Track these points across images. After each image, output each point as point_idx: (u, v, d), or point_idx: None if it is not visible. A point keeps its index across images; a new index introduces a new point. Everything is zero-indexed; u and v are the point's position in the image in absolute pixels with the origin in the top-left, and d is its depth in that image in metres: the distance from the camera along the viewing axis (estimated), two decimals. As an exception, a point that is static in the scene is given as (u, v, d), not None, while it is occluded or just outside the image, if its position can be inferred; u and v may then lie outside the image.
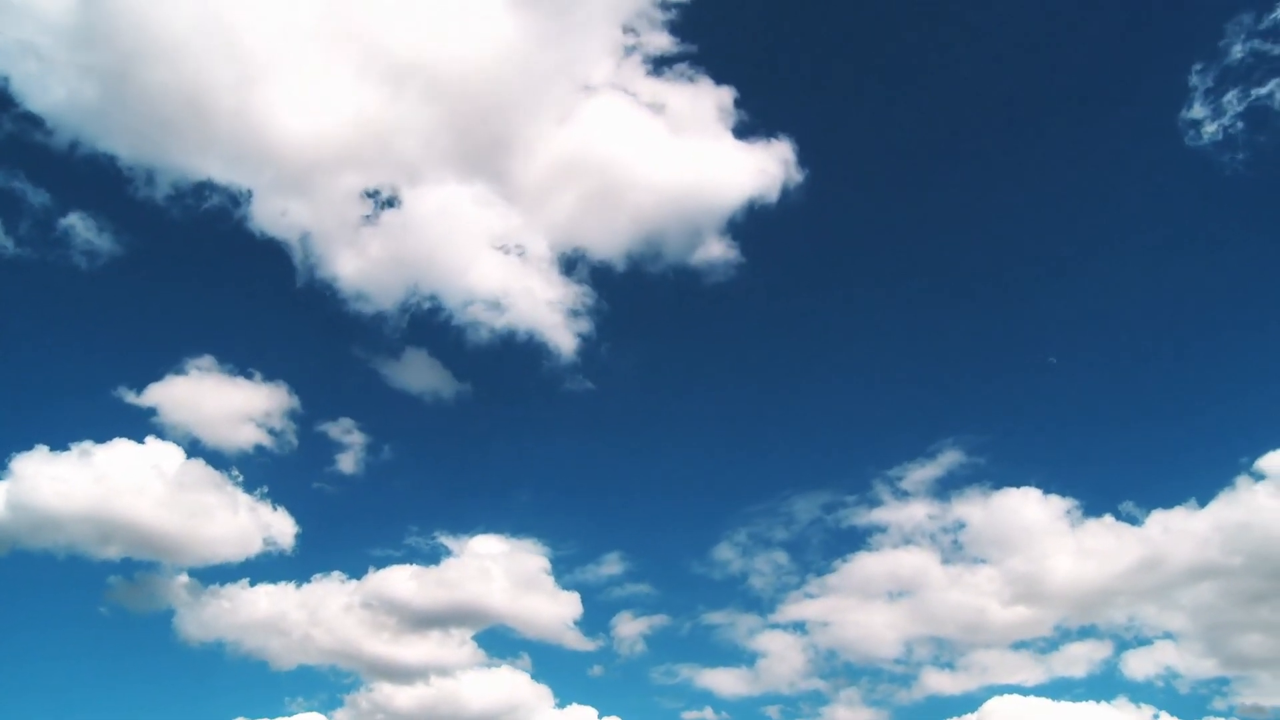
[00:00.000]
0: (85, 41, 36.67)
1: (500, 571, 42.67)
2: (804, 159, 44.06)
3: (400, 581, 42.18)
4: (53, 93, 36.94)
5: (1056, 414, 46.05)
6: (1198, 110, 41.48)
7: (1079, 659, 42.77)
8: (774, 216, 43.96)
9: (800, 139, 44.24)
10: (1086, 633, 43.00)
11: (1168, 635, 42.70)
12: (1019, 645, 43.27)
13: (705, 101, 44.16)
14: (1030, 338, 47.08)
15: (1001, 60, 47.01)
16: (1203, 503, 40.90)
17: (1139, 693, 41.27)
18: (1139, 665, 42.43)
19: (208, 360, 41.62)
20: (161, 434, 39.91)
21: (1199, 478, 41.20)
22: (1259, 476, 39.79)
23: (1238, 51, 40.23)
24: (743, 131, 44.34)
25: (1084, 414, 45.89)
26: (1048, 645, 43.11)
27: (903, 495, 44.69)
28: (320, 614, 41.52)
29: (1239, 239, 43.09)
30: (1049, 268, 47.57)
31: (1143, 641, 42.89)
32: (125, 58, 36.78)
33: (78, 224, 40.15)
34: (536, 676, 42.24)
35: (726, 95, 44.21)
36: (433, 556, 44.01)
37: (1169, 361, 45.46)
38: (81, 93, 36.90)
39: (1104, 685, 41.85)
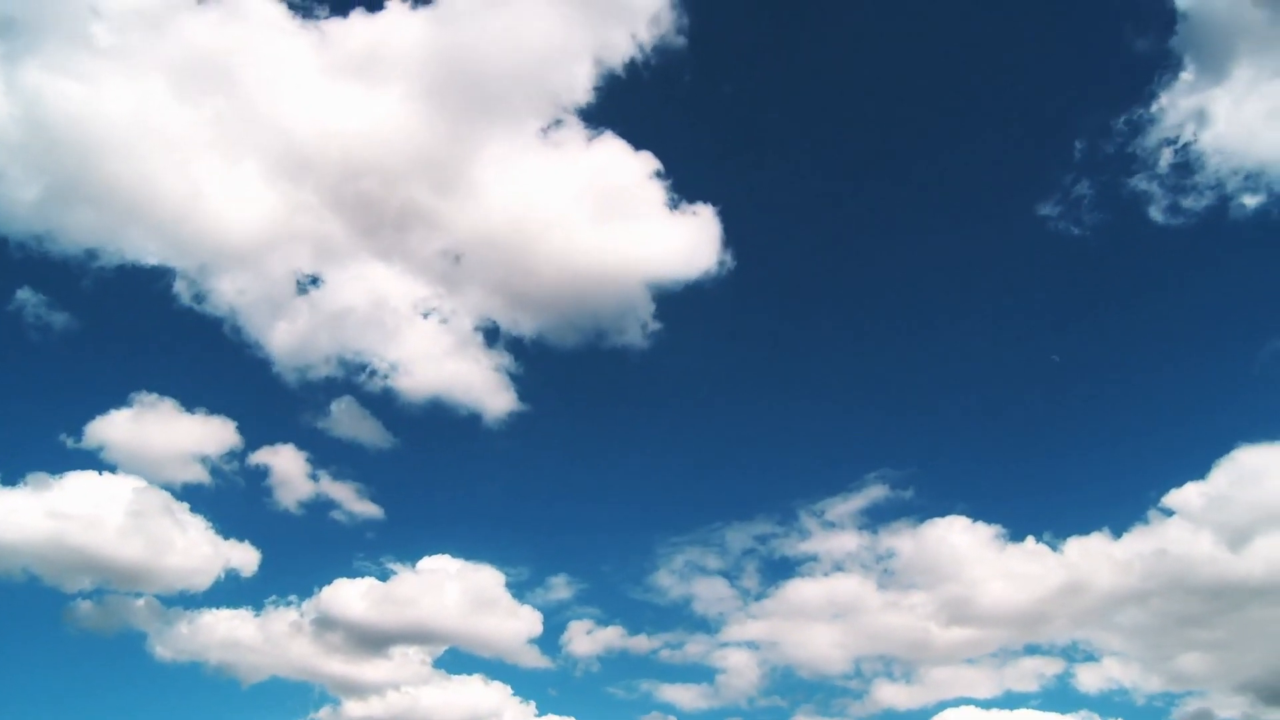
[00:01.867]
0: (33, 143, 39.13)
1: (458, 590, 43.97)
2: (725, 222, 45.72)
3: (355, 602, 43.20)
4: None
5: (973, 450, 48.39)
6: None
7: (1029, 674, 44.46)
8: (696, 287, 45.79)
9: (722, 207, 45.87)
10: (1033, 650, 44.77)
11: (1111, 653, 44.56)
12: (967, 661, 45.07)
13: (626, 173, 45.41)
14: (948, 381, 49.46)
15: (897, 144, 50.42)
16: (1117, 533, 43.24)
17: (1092, 706, 42.93)
18: (1089, 680, 44.08)
19: (153, 396, 42.80)
20: (113, 467, 41.15)
21: (1111, 510, 43.50)
22: (1168, 512, 42.46)
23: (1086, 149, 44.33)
24: (663, 202, 45.48)
25: (999, 449, 48.28)
26: (995, 662, 44.84)
27: (829, 526, 46.72)
28: (281, 636, 42.73)
29: (1133, 299, 46.58)
30: (966, 316, 50.21)
31: (1090, 658, 44.64)
32: (68, 156, 39.19)
33: (29, 297, 42.14)
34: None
35: (649, 166, 45.30)
36: (386, 578, 45.08)
37: (1078, 402, 47.96)
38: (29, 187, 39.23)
39: (1058, 699, 43.51)
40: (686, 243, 45.55)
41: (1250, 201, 42.82)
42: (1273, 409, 42.07)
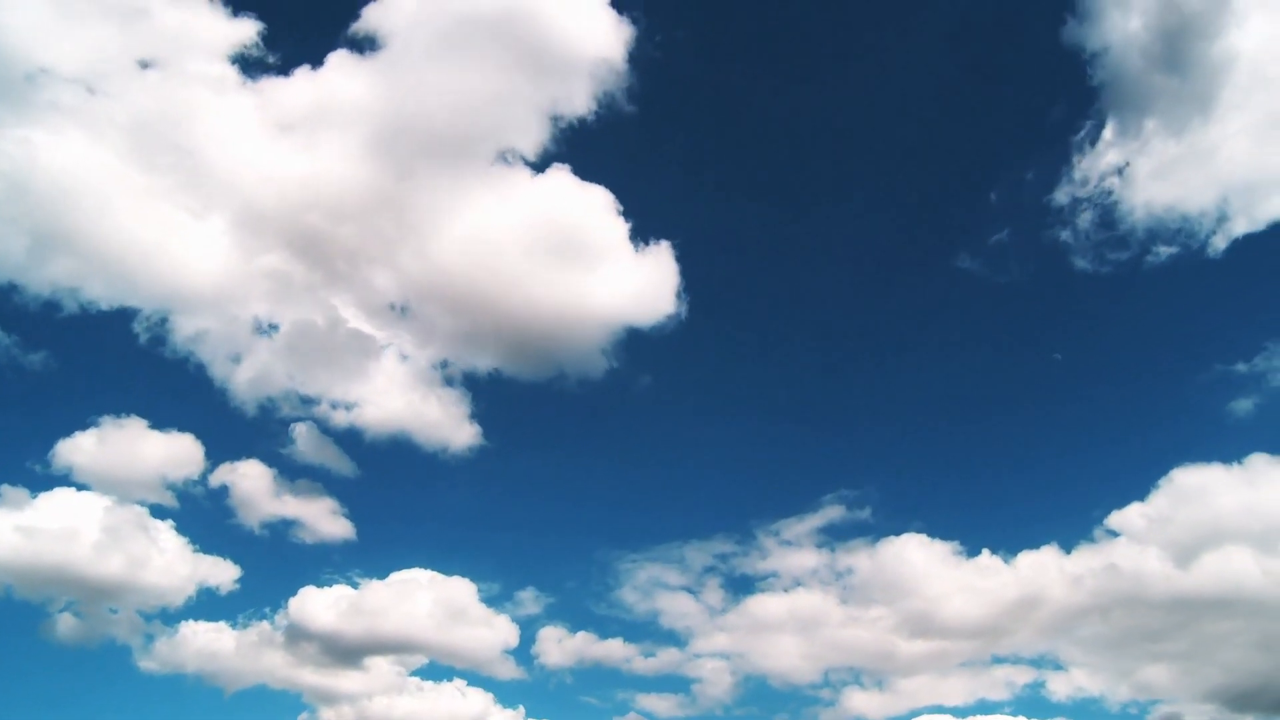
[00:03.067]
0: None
1: (432, 602, 44.74)
2: (682, 260, 46.97)
3: (328, 613, 43.95)
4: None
5: (925, 471, 50.26)
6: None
7: (999, 683, 45.32)
8: (656, 326, 46.99)
9: (679, 244, 47.05)
10: (1000, 660, 45.67)
11: (1077, 664, 45.37)
12: (937, 671, 45.88)
13: (579, 213, 46.05)
14: (901, 407, 51.36)
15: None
16: (1068, 550, 44.35)
17: (1065, 714, 44.22)
18: (1060, 689, 44.91)
19: (121, 418, 43.66)
20: (86, 486, 41.89)
21: (1061, 528, 45.04)
22: (1114, 533, 43.62)
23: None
24: (620, 241, 46.33)
25: (950, 470, 50.19)
26: (964, 672, 45.74)
27: (787, 544, 47.90)
28: (260, 648, 43.71)
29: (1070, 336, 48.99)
30: (916, 348, 51.96)
31: (1057, 667, 45.41)
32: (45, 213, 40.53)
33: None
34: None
35: (603, 205, 45.98)
36: (359, 590, 45.77)
37: (1024, 427, 49.80)
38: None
39: (1031, 707, 44.47)
40: (644, 280, 46.71)
41: (1164, 250, 45.32)
42: (1204, 433, 44.63)
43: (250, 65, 43.53)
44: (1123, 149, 45.34)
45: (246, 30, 42.99)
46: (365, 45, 43.41)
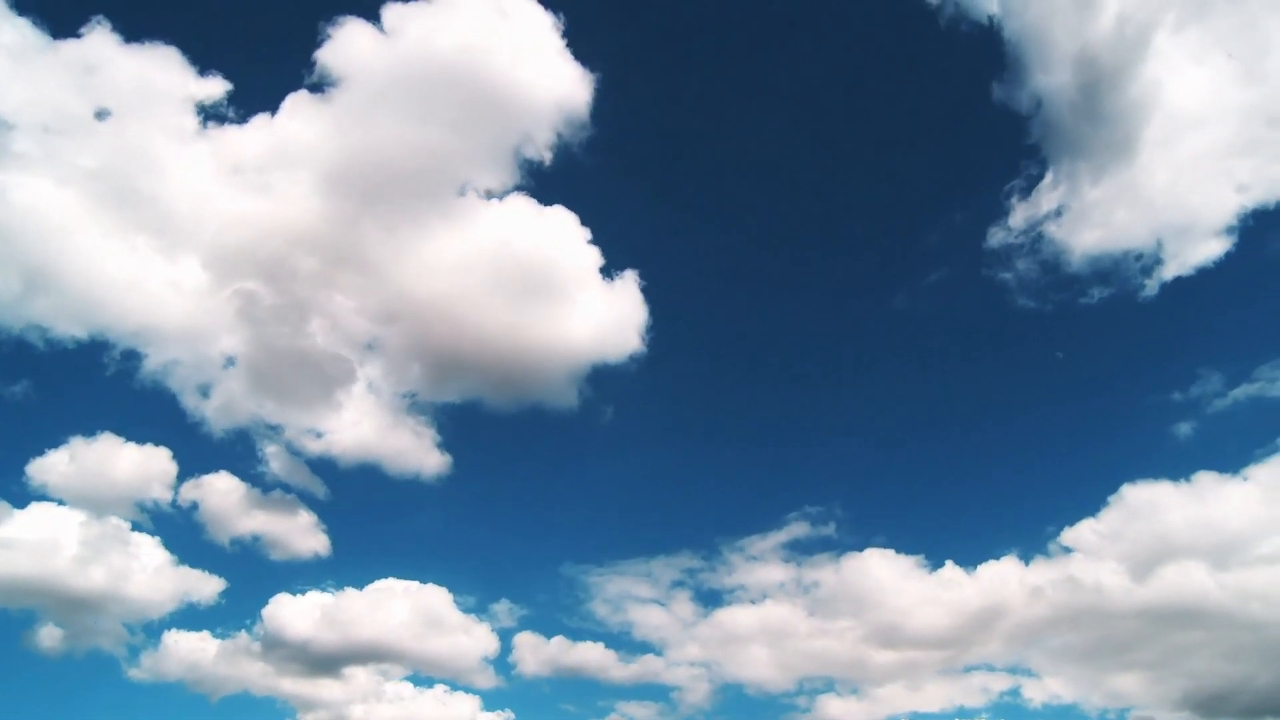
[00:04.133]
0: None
1: (412, 611, 45.72)
2: (648, 291, 48.33)
3: (308, 623, 44.81)
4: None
5: (885, 489, 52.04)
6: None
7: (975, 690, 46.06)
8: (622, 353, 48.23)
9: (645, 276, 48.39)
10: (972, 669, 46.44)
11: (1050, 673, 45.97)
12: (908, 679, 46.67)
13: (549, 245, 47.04)
14: (862, 429, 52.99)
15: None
16: (1027, 563, 45.66)
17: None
18: (1035, 697, 45.55)
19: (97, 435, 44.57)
20: (63, 501, 42.70)
21: (1018, 542, 46.23)
22: (1070, 549, 44.82)
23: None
24: (587, 274, 47.39)
25: (909, 488, 51.85)
26: (938, 679, 46.53)
27: (753, 560, 49.20)
28: (242, 657, 44.54)
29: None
30: (873, 369, 54.03)
31: (1030, 674, 46.00)
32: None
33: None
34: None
35: (569, 241, 47.01)
36: (338, 601, 46.49)
37: (980, 448, 51.43)
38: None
39: (1008, 713, 45.42)
40: (612, 312, 47.92)
41: (1101, 290, 47.48)
42: (1151, 452, 46.38)
43: (213, 115, 44.90)
44: (1057, 195, 47.66)
45: (213, 87, 44.58)
46: (323, 88, 44.45)
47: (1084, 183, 46.78)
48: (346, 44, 44.21)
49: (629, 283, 48.35)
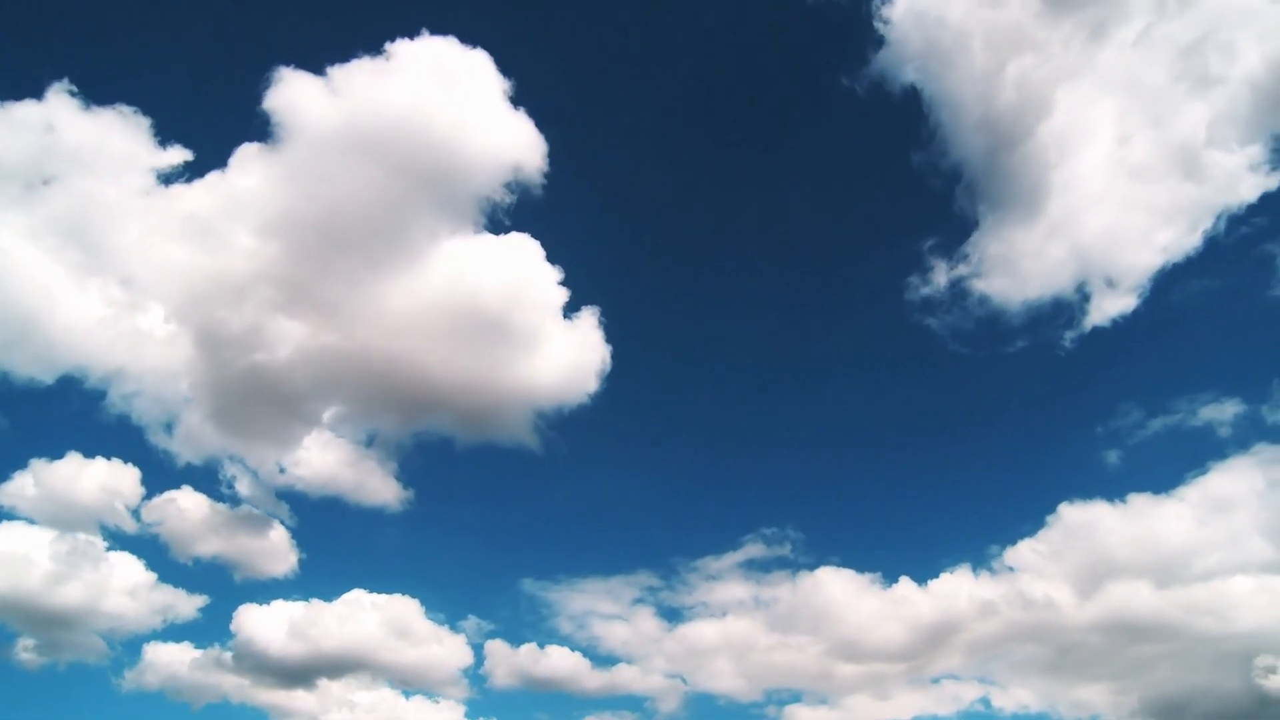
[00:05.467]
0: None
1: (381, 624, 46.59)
2: (607, 327, 49.75)
3: (280, 636, 45.57)
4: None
5: (837, 511, 54.06)
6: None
7: (945, 698, 47.17)
8: (581, 396, 49.74)
9: (606, 314, 49.81)
10: (939, 679, 47.54)
11: (1011, 684, 47.08)
12: (874, 690, 47.66)
13: (509, 282, 47.78)
14: (814, 455, 55.53)
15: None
16: (977, 580, 47.13)
17: None
18: (1002, 704, 46.61)
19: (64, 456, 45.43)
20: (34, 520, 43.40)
21: (966, 559, 47.77)
22: (1013, 569, 46.56)
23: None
24: (547, 314, 48.35)
25: (857, 511, 53.89)
26: (907, 688, 47.55)
27: (712, 579, 50.77)
28: (221, 667, 45.34)
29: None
30: (818, 404, 57.00)
31: (996, 685, 47.06)
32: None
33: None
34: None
35: (529, 281, 47.83)
36: (311, 613, 47.10)
37: (923, 474, 54.03)
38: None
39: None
40: (570, 347, 49.28)
41: (1023, 338, 50.57)
42: (1084, 474, 48.40)
43: (171, 175, 46.06)
44: (979, 249, 50.51)
45: (172, 155, 45.89)
46: (274, 140, 45.21)
47: (1001, 238, 50.20)
48: (301, 99, 45.12)
49: (587, 320, 49.71)
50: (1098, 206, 48.29)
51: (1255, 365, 47.04)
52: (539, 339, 48.28)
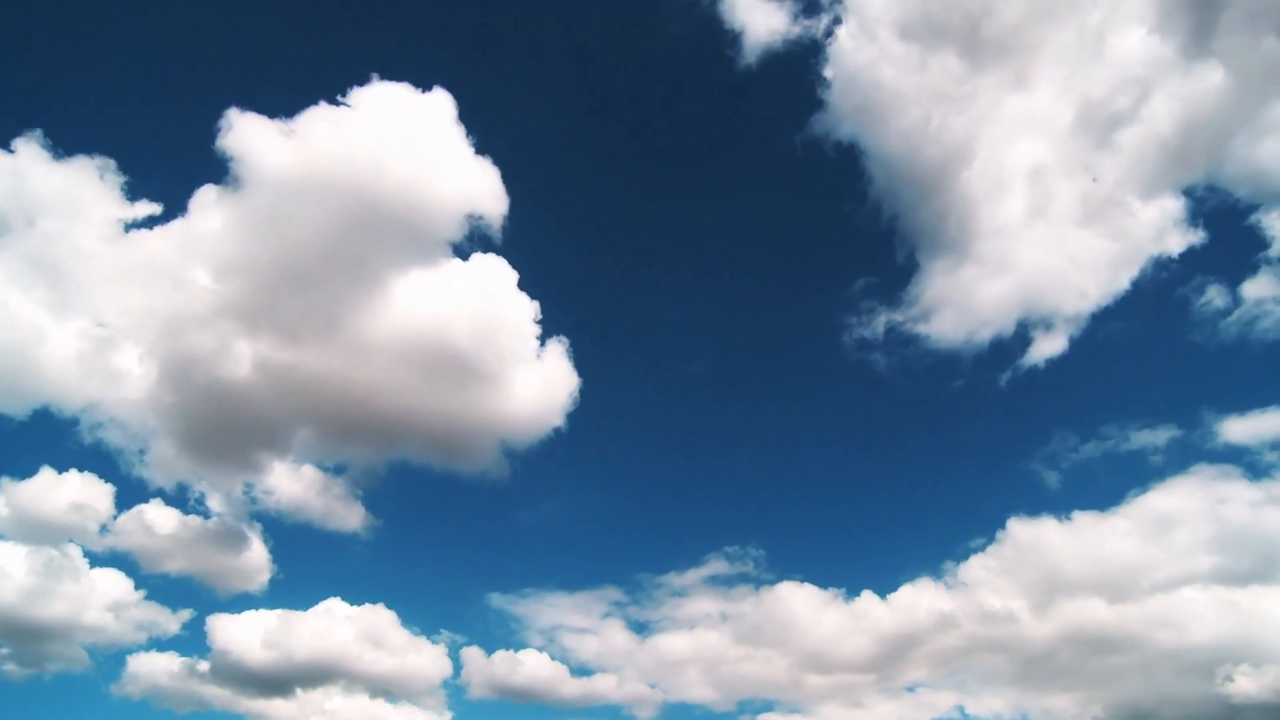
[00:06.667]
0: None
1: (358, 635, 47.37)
2: (576, 360, 50.77)
3: (256, 645, 46.28)
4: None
5: (797, 530, 55.77)
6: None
7: (921, 706, 48.06)
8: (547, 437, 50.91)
9: (575, 343, 51.00)
10: (913, 688, 48.31)
11: (982, 693, 47.84)
12: (846, 699, 48.34)
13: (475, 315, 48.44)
14: (774, 479, 57.22)
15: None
16: (936, 593, 48.08)
17: None
18: (976, 711, 47.35)
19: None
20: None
21: (925, 569, 49.44)
22: (965, 584, 47.86)
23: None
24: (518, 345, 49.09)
25: (819, 529, 55.62)
26: (879, 697, 48.30)
27: (677, 594, 51.90)
28: (201, 677, 45.96)
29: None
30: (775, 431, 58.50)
31: (967, 693, 47.77)
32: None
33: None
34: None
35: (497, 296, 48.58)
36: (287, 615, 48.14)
37: (878, 495, 55.93)
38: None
39: None
40: (539, 379, 50.13)
41: (962, 377, 53.17)
42: (1029, 494, 50.56)
43: (140, 221, 47.26)
44: (915, 294, 53.13)
45: (139, 208, 47.19)
46: (235, 185, 45.82)
47: (934, 283, 52.85)
48: (259, 144, 45.92)
49: (554, 350, 50.68)
50: (1023, 252, 51.21)
51: (1184, 396, 50.83)
52: (507, 371, 49.26)
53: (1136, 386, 52.95)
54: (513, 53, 58.13)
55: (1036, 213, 50.80)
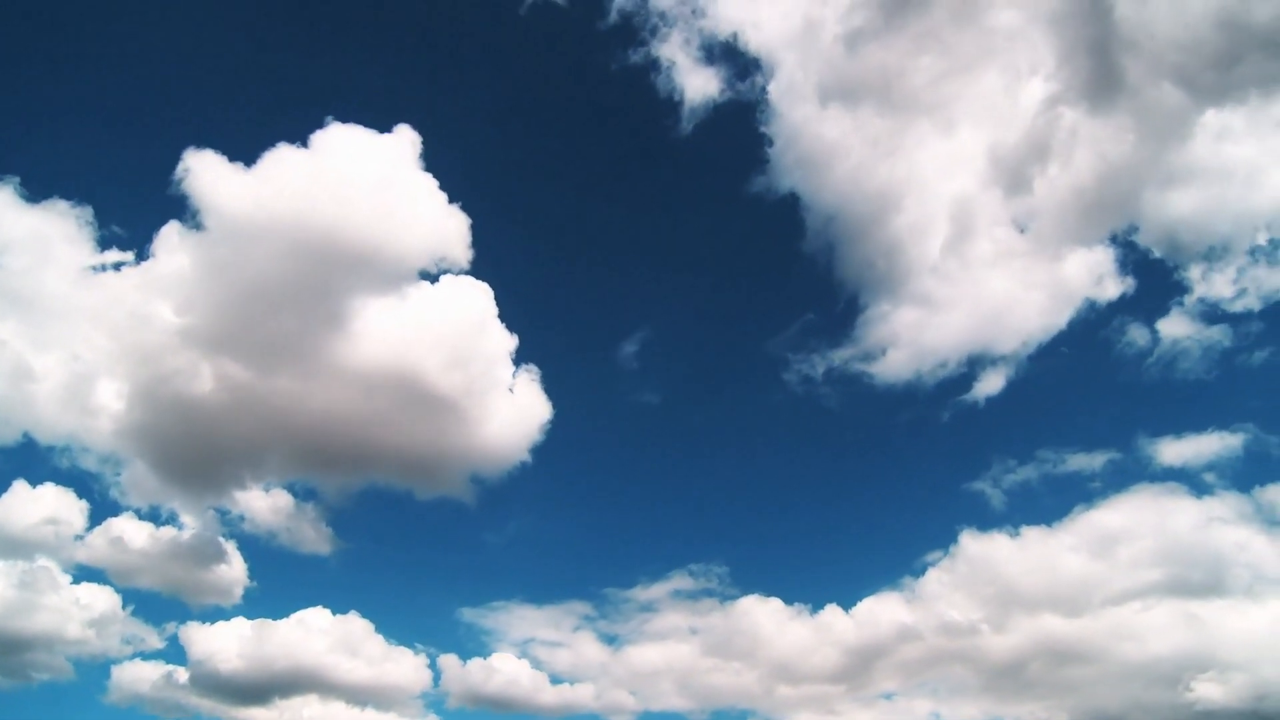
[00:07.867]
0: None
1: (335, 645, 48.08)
2: (546, 387, 52.21)
3: (235, 655, 47.18)
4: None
5: (761, 546, 57.22)
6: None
7: (899, 713, 48.55)
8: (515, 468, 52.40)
9: (545, 371, 52.44)
10: (891, 695, 49.01)
11: (955, 700, 48.50)
12: (820, 706, 49.10)
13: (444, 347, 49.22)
14: (737, 503, 59.10)
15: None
16: (896, 605, 49.43)
17: None
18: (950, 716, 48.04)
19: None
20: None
21: (889, 581, 51.14)
22: (922, 597, 49.14)
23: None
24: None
25: (781, 545, 57.04)
26: (854, 706, 48.97)
27: (645, 608, 52.82)
28: (191, 685, 46.99)
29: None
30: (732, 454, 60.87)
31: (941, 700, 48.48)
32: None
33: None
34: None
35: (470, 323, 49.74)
36: (271, 632, 48.58)
37: (835, 514, 57.87)
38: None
39: None
40: (509, 408, 51.34)
41: (906, 413, 55.76)
42: (976, 511, 52.02)
43: (110, 262, 48.77)
44: (865, 333, 55.28)
45: (110, 255, 48.87)
46: (199, 225, 46.83)
47: (874, 323, 55.19)
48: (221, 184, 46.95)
49: (525, 378, 51.98)
50: (960, 291, 53.70)
51: (1123, 423, 53.48)
52: (477, 400, 50.07)
53: (1070, 416, 56.12)
54: (477, 96, 61.92)
55: (966, 255, 53.57)
